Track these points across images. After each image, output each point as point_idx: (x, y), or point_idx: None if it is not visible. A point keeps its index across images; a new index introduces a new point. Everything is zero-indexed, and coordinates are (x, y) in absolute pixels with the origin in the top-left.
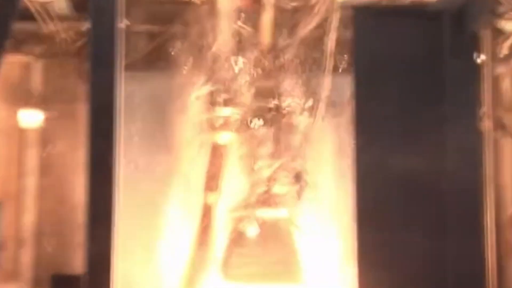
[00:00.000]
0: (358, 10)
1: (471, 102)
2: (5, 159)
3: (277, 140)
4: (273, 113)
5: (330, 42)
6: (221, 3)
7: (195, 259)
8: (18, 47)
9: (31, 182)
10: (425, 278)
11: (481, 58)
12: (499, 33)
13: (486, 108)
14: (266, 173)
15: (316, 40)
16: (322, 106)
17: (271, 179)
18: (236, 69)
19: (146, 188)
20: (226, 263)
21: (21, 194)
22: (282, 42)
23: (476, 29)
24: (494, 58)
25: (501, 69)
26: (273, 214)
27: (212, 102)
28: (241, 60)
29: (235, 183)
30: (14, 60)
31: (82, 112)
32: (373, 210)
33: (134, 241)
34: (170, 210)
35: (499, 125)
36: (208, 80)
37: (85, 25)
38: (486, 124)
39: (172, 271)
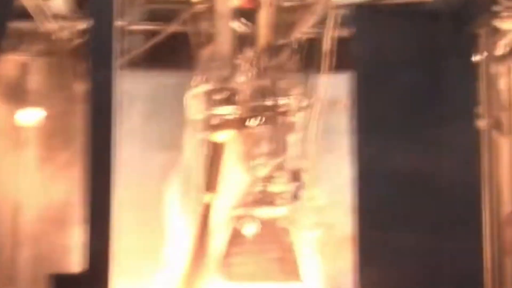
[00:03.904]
0: (357, 10)
1: (469, 101)
2: (2, 157)
3: (274, 139)
4: (270, 112)
5: (328, 41)
6: (219, 2)
7: (193, 258)
8: (15, 46)
9: (29, 180)
10: (424, 276)
11: (478, 57)
12: (496, 32)
13: (483, 107)
14: (264, 172)
15: (314, 39)
16: (320, 104)
17: (268, 178)
18: (234, 68)
19: (144, 187)
20: (225, 262)
21: (19, 192)
22: (279, 40)
23: (474, 29)
24: (492, 57)
25: (498, 68)
26: (271, 213)
27: (210, 101)
28: (238, 59)
29: (233, 182)
30: (11, 59)
31: (80, 110)
32: (372, 208)
33: (133, 240)
34: (169, 209)
35: (496, 124)
36: (206, 78)
37: (83, 24)
38: (484, 123)
39: (171, 270)
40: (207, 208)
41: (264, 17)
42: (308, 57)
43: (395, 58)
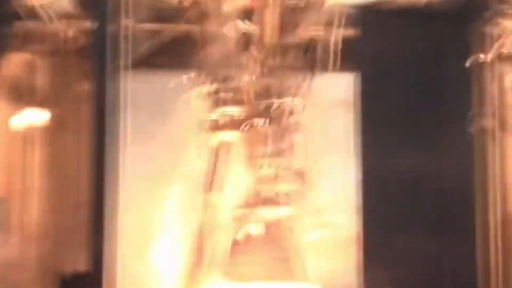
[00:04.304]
0: (361, 10)
1: (473, 101)
2: (9, 157)
3: (279, 139)
4: (276, 112)
5: (334, 41)
6: (224, 1)
7: (196, 258)
8: (21, 45)
9: (34, 180)
10: (427, 276)
11: (483, 57)
12: (501, 32)
13: (488, 107)
14: (269, 172)
15: (319, 39)
16: (324, 104)
17: (273, 178)
18: (239, 68)
19: (148, 187)
20: (229, 262)
21: (24, 192)
22: (285, 40)
23: (478, 28)
24: (496, 57)
25: (502, 69)
26: (275, 213)
27: (214, 101)
28: (244, 58)
29: (237, 182)
30: (17, 58)
31: (86, 110)
32: (375, 208)
33: (136, 240)
34: (172, 209)
35: (502, 124)
36: (210, 78)
37: (89, 24)
38: (489, 123)
39: (174, 270)
40: (211, 208)
41: (269, 16)
42: (314, 57)
43: (399, 58)
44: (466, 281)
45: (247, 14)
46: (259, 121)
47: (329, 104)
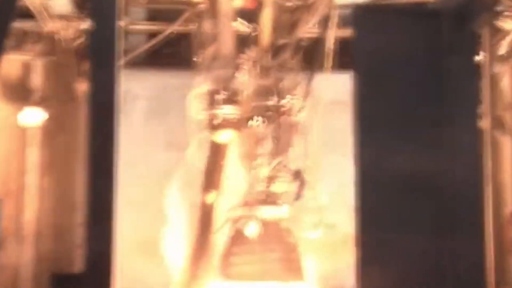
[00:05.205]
0: (358, 9)
1: (471, 100)
2: (5, 157)
3: (276, 139)
4: (272, 111)
5: (329, 40)
6: (221, 1)
7: (194, 258)
8: (18, 45)
9: (31, 180)
10: (425, 276)
11: (480, 57)
12: (498, 32)
13: (485, 106)
14: (266, 171)
15: (316, 38)
16: (321, 104)
17: (270, 178)
18: (236, 68)
19: (145, 187)
20: (226, 262)
21: (22, 192)
22: (281, 40)
23: (476, 28)
24: (494, 56)
25: (500, 68)
26: (272, 212)
27: (212, 100)
28: (241, 58)
29: (235, 181)
30: (14, 58)
31: (82, 110)
32: (373, 208)
33: (134, 240)
34: (170, 209)
35: (498, 124)
36: (207, 78)
37: (85, 24)
38: (485, 123)
39: (172, 270)
40: (209, 208)
41: (267, 16)
42: (310, 57)
43: (396, 57)
44: (469, 281)
45: (244, 14)
46: (256, 121)
47: (326, 103)
